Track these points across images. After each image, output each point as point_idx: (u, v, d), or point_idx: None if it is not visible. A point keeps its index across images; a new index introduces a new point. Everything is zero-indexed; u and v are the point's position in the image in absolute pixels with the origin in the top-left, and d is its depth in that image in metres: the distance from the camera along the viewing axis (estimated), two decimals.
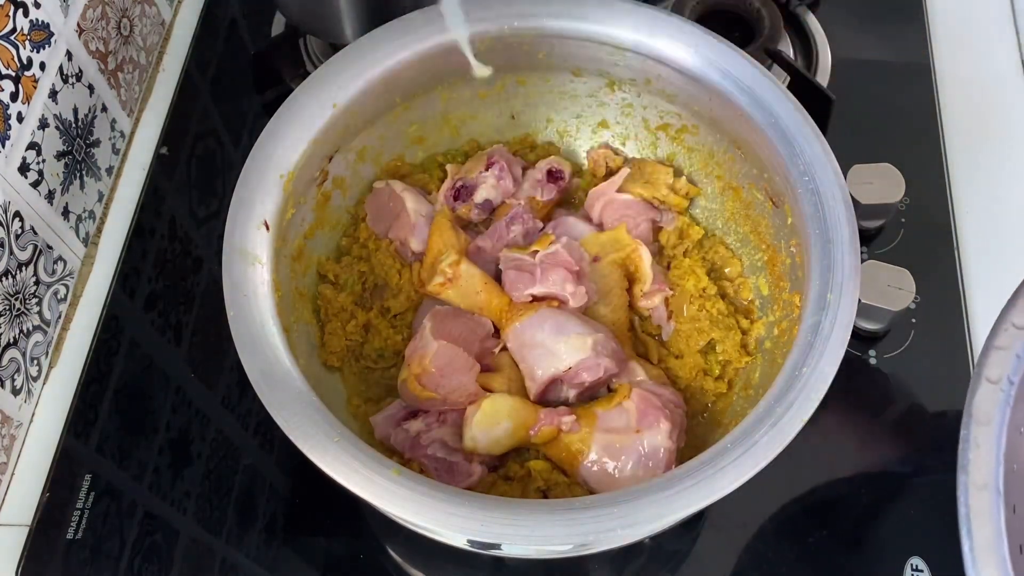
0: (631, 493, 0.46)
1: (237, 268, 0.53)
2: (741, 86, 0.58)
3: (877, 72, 0.83)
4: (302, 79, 0.60)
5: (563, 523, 0.45)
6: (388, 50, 0.61)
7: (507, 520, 0.45)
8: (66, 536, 0.62)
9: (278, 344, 0.51)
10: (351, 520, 0.63)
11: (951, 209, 0.75)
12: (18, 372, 0.65)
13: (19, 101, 0.64)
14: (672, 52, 0.61)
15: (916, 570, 0.59)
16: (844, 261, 0.52)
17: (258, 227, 0.55)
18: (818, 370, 0.49)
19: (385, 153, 0.68)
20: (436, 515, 0.45)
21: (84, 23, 0.72)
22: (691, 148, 0.67)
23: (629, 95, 0.67)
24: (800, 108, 0.57)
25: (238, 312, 0.52)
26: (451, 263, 0.60)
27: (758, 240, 0.63)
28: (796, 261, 0.57)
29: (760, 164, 0.60)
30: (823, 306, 0.51)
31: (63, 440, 0.66)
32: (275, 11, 0.88)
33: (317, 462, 0.47)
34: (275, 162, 0.57)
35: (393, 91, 0.63)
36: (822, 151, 0.55)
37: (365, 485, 0.46)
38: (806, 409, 0.47)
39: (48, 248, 0.69)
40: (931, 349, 0.68)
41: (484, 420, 0.55)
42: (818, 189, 0.54)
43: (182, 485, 0.64)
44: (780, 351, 0.57)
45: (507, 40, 0.63)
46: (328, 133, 0.60)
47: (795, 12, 0.85)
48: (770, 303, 0.62)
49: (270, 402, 0.49)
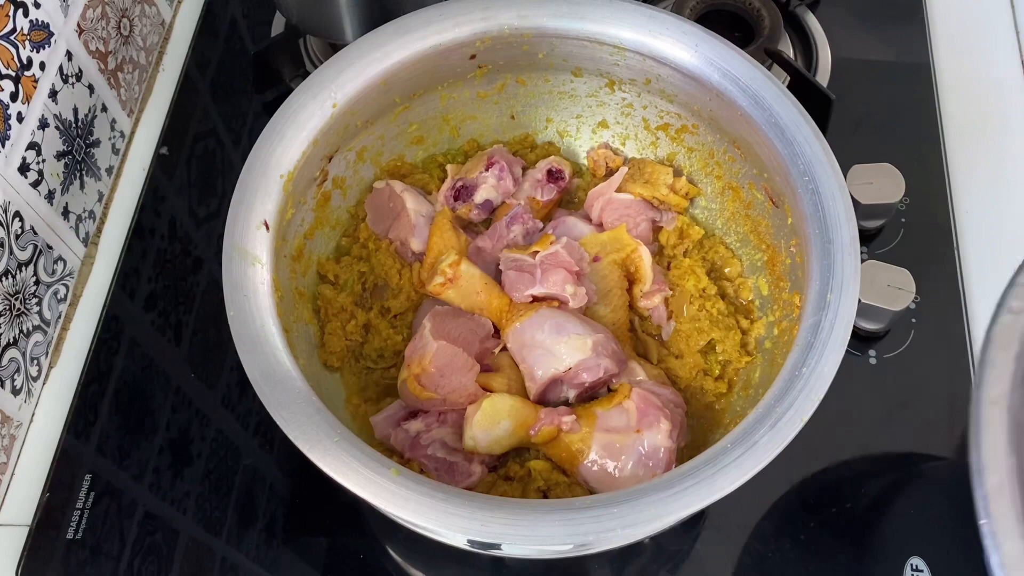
0: (631, 493, 0.46)
1: (237, 268, 0.53)
2: (741, 86, 0.58)
3: (877, 72, 0.83)
4: (302, 79, 0.60)
5: (563, 523, 0.45)
6: (388, 50, 0.61)
7: (507, 520, 0.45)
8: (66, 536, 0.62)
9: (278, 344, 0.51)
10: (351, 520, 0.63)
11: (951, 209, 0.75)
12: (18, 372, 0.65)
13: (19, 101, 0.64)
14: (672, 52, 0.61)
15: (916, 570, 0.59)
16: (844, 261, 0.52)
17: (258, 227, 0.55)
18: (818, 370, 0.49)
19: (385, 153, 0.68)
20: (436, 515, 0.45)
21: (84, 23, 0.72)
22: (691, 148, 0.67)
23: (629, 95, 0.67)
24: (800, 108, 0.57)
25: (238, 312, 0.52)
26: (451, 263, 0.60)
27: (758, 240, 0.63)
28: (796, 261, 0.57)
29: (760, 164, 0.60)
30: (823, 306, 0.51)
31: (63, 440, 0.66)
32: (275, 11, 0.88)
33: (317, 462, 0.47)
34: (275, 162, 0.57)
35: (393, 91, 0.63)
36: (822, 151, 0.55)
37: (365, 485, 0.46)
38: (806, 409, 0.47)
39: (48, 248, 0.69)
40: (931, 349, 0.68)
41: (484, 420, 0.55)
42: (818, 189, 0.54)
43: (182, 485, 0.64)
44: (780, 351, 0.57)
45: (507, 40, 0.63)
46: (328, 133, 0.60)
47: (795, 12, 0.85)
48: (770, 303, 0.62)
49: (270, 402, 0.49)
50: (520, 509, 0.46)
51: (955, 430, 0.66)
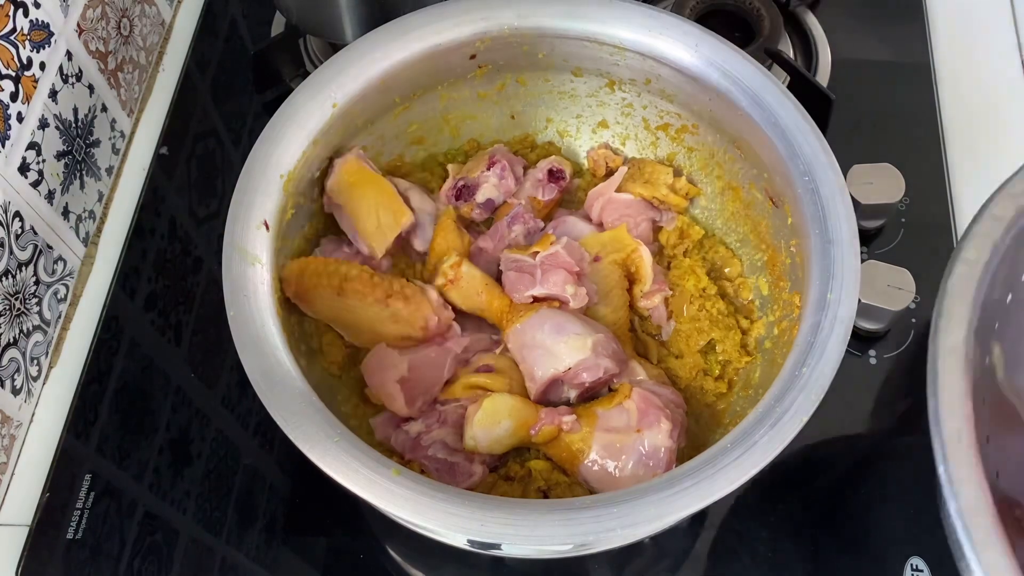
0: (631, 493, 0.46)
1: (237, 268, 0.53)
2: (741, 86, 0.58)
3: (877, 72, 0.83)
4: (302, 79, 0.60)
5: (563, 523, 0.45)
6: (388, 50, 0.61)
7: (507, 520, 0.45)
8: (66, 536, 0.62)
9: (278, 344, 0.51)
10: (351, 520, 0.63)
11: (951, 209, 0.75)
12: (18, 372, 0.65)
13: (19, 101, 0.64)
14: (672, 52, 0.61)
15: (916, 570, 0.59)
16: (844, 261, 0.52)
17: (258, 227, 0.55)
18: (818, 370, 0.49)
19: (385, 153, 0.68)
20: (436, 515, 0.45)
21: (84, 23, 0.72)
22: (691, 148, 0.67)
23: (629, 95, 0.67)
24: (800, 108, 0.57)
25: (238, 312, 0.52)
26: (452, 264, 0.60)
27: (758, 240, 0.63)
28: (796, 261, 0.57)
29: (760, 164, 0.60)
30: (823, 306, 0.51)
31: (63, 440, 0.66)
32: (275, 11, 0.88)
33: (317, 462, 0.47)
34: (275, 162, 0.57)
35: (393, 91, 0.63)
36: (822, 151, 0.55)
37: (365, 485, 0.46)
38: (806, 409, 0.47)
39: (48, 248, 0.69)
40: None
41: (485, 419, 0.55)
42: (818, 189, 0.54)
43: (182, 485, 0.64)
44: (780, 351, 0.57)
45: (507, 40, 0.63)
46: (328, 133, 0.60)
47: (795, 12, 0.85)
48: (770, 303, 0.62)
49: (270, 402, 0.48)
50: (520, 509, 0.46)
51: None
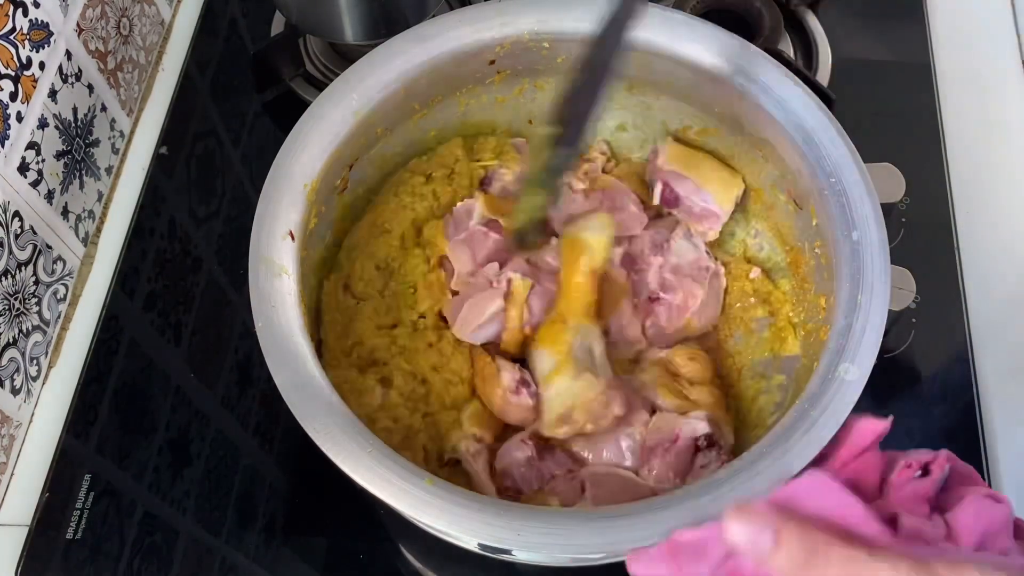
0: (667, 501, 0.46)
1: (264, 279, 0.52)
2: (764, 87, 0.58)
3: (877, 72, 0.83)
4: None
5: (600, 532, 0.44)
6: (409, 57, 0.60)
7: (545, 529, 0.44)
8: (66, 536, 0.62)
9: (307, 355, 0.50)
10: (351, 520, 0.63)
11: (951, 209, 0.75)
12: (17, 372, 0.65)
13: (18, 101, 0.64)
14: (692, 53, 0.60)
15: None
16: (874, 262, 0.51)
17: (284, 237, 0.54)
18: (851, 373, 0.48)
19: (402, 159, 0.67)
20: (473, 525, 0.45)
21: (83, 23, 0.72)
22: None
23: (648, 97, 0.66)
24: (825, 109, 0.56)
25: (266, 324, 0.50)
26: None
27: (780, 242, 0.63)
28: (822, 263, 0.57)
29: (783, 166, 0.59)
30: (854, 308, 0.50)
31: (63, 440, 0.66)
32: (275, 11, 0.88)
33: (351, 474, 0.46)
34: (300, 171, 0.56)
35: (413, 98, 0.62)
36: (848, 151, 0.55)
37: (400, 496, 0.45)
38: (841, 411, 0.47)
39: (47, 248, 0.69)
40: (931, 349, 0.68)
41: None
42: (845, 191, 0.54)
43: (182, 485, 0.64)
44: (807, 353, 0.57)
45: (526, 45, 0.62)
46: (349, 141, 0.59)
47: (795, 12, 0.85)
48: (795, 307, 0.61)
49: (302, 414, 0.47)
50: (558, 518, 0.45)
51: (956, 430, 0.66)
